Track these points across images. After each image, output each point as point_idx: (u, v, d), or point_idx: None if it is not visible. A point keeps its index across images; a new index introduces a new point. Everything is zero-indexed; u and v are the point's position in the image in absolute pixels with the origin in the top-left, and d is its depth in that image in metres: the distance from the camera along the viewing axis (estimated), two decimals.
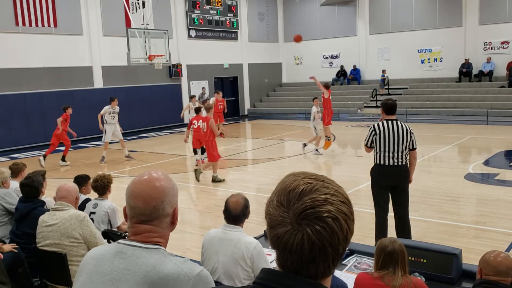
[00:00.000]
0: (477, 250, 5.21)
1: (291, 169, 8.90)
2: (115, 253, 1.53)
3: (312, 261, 1.01)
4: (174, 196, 1.62)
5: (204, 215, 8.08)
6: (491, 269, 2.77)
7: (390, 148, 5.36)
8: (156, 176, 1.61)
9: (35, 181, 4.63)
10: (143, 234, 1.56)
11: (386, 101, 5.59)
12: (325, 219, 1.00)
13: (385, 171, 5.43)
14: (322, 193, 1.03)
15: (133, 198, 1.57)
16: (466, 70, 21.04)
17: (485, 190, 8.54)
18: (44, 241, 3.93)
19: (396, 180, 5.46)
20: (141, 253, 1.51)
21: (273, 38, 26.46)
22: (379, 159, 5.45)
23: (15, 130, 15.72)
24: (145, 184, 1.58)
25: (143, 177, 1.61)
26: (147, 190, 1.56)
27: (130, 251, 1.52)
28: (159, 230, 1.57)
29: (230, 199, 3.47)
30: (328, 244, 1.00)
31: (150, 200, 1.56)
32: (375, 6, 23.70)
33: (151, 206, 1.56)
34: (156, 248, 1.54)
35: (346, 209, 1.05)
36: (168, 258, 1.52)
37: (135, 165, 12.47)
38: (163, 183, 1.59)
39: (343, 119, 21.28)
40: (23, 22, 15.81)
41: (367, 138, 5.53)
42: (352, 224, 1.06)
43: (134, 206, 1.57)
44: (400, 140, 5.33)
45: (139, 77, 19.31)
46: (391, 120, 5.42)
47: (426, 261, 3.50)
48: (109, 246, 1.61)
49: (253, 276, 3.27)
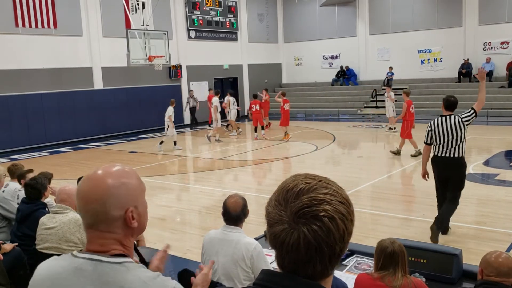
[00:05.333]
0: (478, 251, 5.20)
1: (291, 170, 8.91)
2: (74, 270, 1.29)
3: (309, 261, 1.01)
4: (126, 196, 1.34)
5: (204, 216, 8.07)
6: (492, 270, 2.76)
7: (445, 142, 5.83)
8: (101, 173, 1.36)
9: (38, 183, 4.62)
10: (97, 242, 1.33)
11: (449, 97, 6.00)
12: (321, 218, 0.99)
13: (442, 162, 5.90)
14: (320, 193, 1.02)
15: (77, 199, 1.36)
16: (466, 71, 21.05)
17: (485, 191, 8.54)
18: (43, 243, 3.93)
19: (451, 171, 5.89)
20: (104, 269, 1.28)
21: (273, 38, 26.47)
22: (437, 151, 5.94)
23: (15, 131, 15.71)
24: (87, 183, 1.35)
25: (89, 173, 1.38)
26: (87, 190, 1.34)
27: (90, 267, 1.28)
28: (112, 235, 1.33)
29: (228, 200, 3.45)
30: (324, 244, 0.99)
31: (90, 201, 1.32)
32: (375, 7, 23.71)
33: (91, 208, 1.32)
34: (120, 262, 1.30)
35: (344, 209, 1.03)
36: (135, 275, 1.28)
37: (135, 165, 12.47)
38: (107, 181, 1.33)
39: (343, 120, 21.28)
40: (23, 23, 15.81)
41: (425, 136, 6.02)
42: (350, 225, 1.04)
43: (78, 208, 1.36)
44: (455, 134, 5.79)
45: (139, 78, 19.31)
46: (448, 116, 5.85)
47: (426, 262, 3.49)
48: (63, 261, 1.34)
49: (253, 277, 3.26)
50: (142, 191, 1.41)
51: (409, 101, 12.12)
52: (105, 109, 18.23)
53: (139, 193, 1.39)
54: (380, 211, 7.59)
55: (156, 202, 8.60)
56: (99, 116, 18.05)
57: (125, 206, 1.34)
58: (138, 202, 1.38)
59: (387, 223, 6.99)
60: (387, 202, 8.04)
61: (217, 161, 12.96)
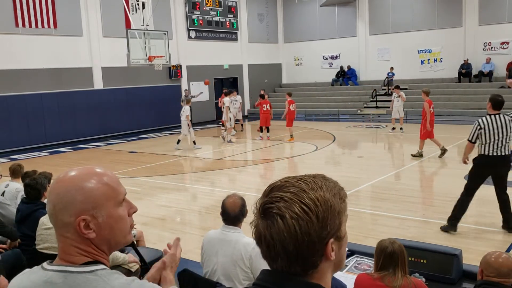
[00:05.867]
0: (478, 251, 5.20)
1: (290, 170, 8.90)
2: (43, 284, 1.20)
3: (271, 257, 1.04)
4: (80, 202, 1.20)
5: (204, 216, 8.07)
6: (492, 270, 2.76)
7: (495, 140, 5.93)
8: (63, 174, 1.26)
9: (38, 183, 4.61)
10: (60, 247, 1.24)
11: (497, 97, 6.06)
12: (273, 215, 1.01)
13: (490, 162, 6.01)
14: (284, 191, 1.03)
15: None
16: (466, 71, 21.05)
17: (485, 191, 8.52)
18: (43, 243, 3.93)
19: (501, 168, 6.07)
20: (74, 280, 1.18)
21: (273, 39, 26.46)
22: (484, 150, 6.02)
23: (15, 131, 15.71)
24: (52, 183, 1.27)
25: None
26: (50, 190, 1.26)
27: (60, 280, 1.19)
28: (69, 241, 1.22)
29: (227, 200, 3.44)
30: (277, 241, 1.00)
31: (49, 202, 1.24)
32: (375, 7, 23.70)
33: (47, 209, 1.25)
34: (91, 271, 1.20)
35: (301, 208, 1.00)
36: (107, 283, 1.19)
37: (135, 165, 12.46)
38: (61, 183, 1.23)
39: (343, 120, 21.27)
40: (23, 23, 15.81)
41: (471, 134, 6.06)
42: (308, 226, 0.99)
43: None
44: (505, 132, 5.92)
45: (139, 78, 19.31)
46: (497, 115, 5.95)
47: (426, 262, 3.49)
48: (34, 275, 1.25)
49: (252, 277, 3.26)
50: (108, 199, 1.24)
51: (429, 100, 11.63)
52: (105, 109, 18.23)
53: (102, 201, 1.22)
54: (380, 211, 7.58)
55: (156, 202, 8.60)
56: (99, 116, 18.05)
57: (76, 213, 1.20)
58: (99, 211, 1.22)
59: (387, 223, 6.98)
60: (387, 202, 8.03)
61: (217, 161, 12.96)
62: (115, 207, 1.25)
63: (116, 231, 1.26)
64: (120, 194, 1.28)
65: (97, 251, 1.25)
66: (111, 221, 1.24)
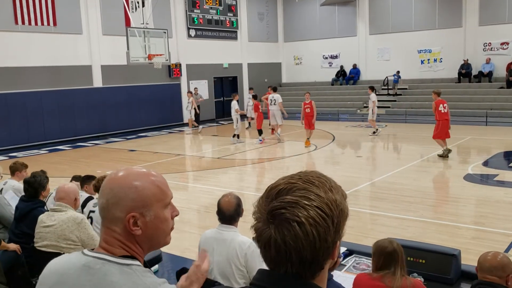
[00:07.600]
0: (476, 251, 5.20)
1: (290, 169, 8.90)
2: (81, 267, 1.27)
3: (280, 262, 1.00)
4: (132, 199, 1.27)
5: (203, 214, 8.07)
6: (486, 269, 2.76)
7: None
8: (120, 171, 1.33)
9: (36, 181, 4.60)
10: (103, 238, 1.31)
11: None
12: (290, 222, 0.97)
13: None
14: (296, 195, 1.00)
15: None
16: (466, 71, 21.04)
17: (484, 191, 8.53)
18: (42, 241, 3.92)
19: None
20: (110, 268, 1.25)
21: (273, 38, 26.45)
22: None
23: (14, 129, 15.69)
24: (106, 179, 1.35)
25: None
26: (104, 186, 1.33)
27: (97, 266, 1.26)
28: (113, 234, 1.29)
29: (222, 200, 3.45)
30: (291, 248, 0.97)
31: (102, 196, 1.31)
32: (375, 6, 23.69)
33: (100, 202, 1.32)
34: (128, 264, 1.27)
35: (318, 214, 0.98)
36: (140, 278, 1.25)
37: (134, 164, 12.46)
38: (117, 180, 1.30)
39: (342, 120, 21.28)
40: (22, 21, 15.79)
41: None
42: (326, 233, 0.98)
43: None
44: None
45: (139, 77, 19.29)
46: None
47: (425, 262, 3.49)
48: (74, 258, 1.33)
49: (247, 276, 3.27)
50: (158, 200, 1.31)
51: (438, 101, 11.67)
52: (105, 107, 18.22)
53: (152, 201, 1.30)
54: (379, 211, 7.58)
55: None
56: (99, 114, 18.03)
57: (127, 209, 1.27)
58: (148, 210, 1.29)
59: (386, 223, 6.98)
60: (386, 202, 8.04)
61: (216, 160, 12.96)
62: (162, 209, 1.32)
63: (159, 232, 1.33)
64: (168, 197, 1.35)
65: (137, 248, 1.31)
66: (157, 221, 1.31)
